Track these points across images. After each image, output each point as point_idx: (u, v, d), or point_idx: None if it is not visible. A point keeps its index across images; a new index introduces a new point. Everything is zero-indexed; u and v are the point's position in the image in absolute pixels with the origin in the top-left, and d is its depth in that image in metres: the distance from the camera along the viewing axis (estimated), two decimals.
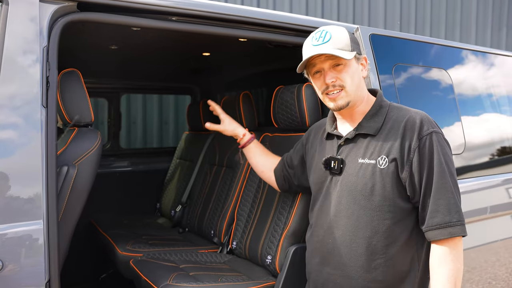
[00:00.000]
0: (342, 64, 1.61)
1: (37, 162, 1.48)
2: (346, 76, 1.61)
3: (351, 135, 1.66)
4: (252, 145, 2.22)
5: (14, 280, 1.42)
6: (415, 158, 1.54)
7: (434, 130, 1.58)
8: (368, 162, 1.59)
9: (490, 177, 2.73)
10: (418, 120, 1.58)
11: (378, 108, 1.67)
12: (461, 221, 1.54)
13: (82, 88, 1.91)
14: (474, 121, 2.75)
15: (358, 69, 1.65)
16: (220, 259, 2.65)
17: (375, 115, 1.65)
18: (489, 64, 2.96)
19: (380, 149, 1.59)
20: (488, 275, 2.67)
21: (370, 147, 1.62)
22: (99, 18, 1.73)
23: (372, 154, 1.60)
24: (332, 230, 1.66)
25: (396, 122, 1.61)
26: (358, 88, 1.65)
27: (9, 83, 1.47)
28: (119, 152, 4.15)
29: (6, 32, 1.47)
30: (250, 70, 3.54)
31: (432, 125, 1.59)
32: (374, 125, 1.63)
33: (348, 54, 1.59)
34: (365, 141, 1.64)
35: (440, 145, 1.56)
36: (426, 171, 1.54)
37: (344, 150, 1.67)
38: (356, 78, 1.63)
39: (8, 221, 1.42)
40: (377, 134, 1.62)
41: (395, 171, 1.56)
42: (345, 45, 1.60)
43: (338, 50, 1.57)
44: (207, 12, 1.92)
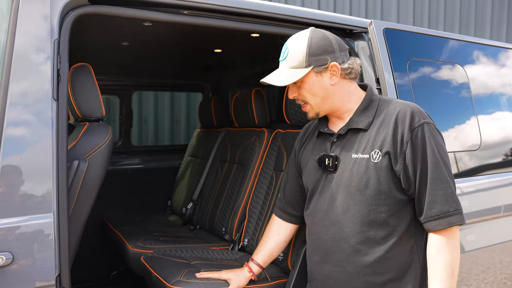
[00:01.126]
0: (299, 81, 1.61)
1: (48, 156, 1.47)
2: (304, 93, 1.63)
3: (343, 131, 1.66)
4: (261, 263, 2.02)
5: (24, 273, 1.41)
6: (408, 150, 1.54)
7: (426, 121, 1.57)
8: (362, 157, 1.59)
9: (505, 174, 2.67)
10: (409, 112, 1.57)
11: (368, 102, 1.66)
12: (458, 210, 1.54)
13: (93, 82, 1.90)
14: (490, 118, 2.69)
15: (320, 81, 1.61)
16: (232, 256, 2.63)
17: (365, 110, 1.65)
18: (506, 60, 2.90)
19: (373, 143, 1.58)
20: (503, 275, 2.62)
21: (362, 142, 1.61)
22: (110, 11, 1.72)
23: (365, 149, 1.59)
24: (329, 227, 1.65)
25: (387, 115, 1.60)
26: (326, 99, 1.64)
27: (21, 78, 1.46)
28: (130, 150, 4.16)
29: (17, 25, 1.47)
30: (262, 66, 3.52)
31: (423, 116, 1.58)
32: (365, 119, 1.63)
33: (297, 73, 1.58)
34: (357, 136, 1.63)
35: (432, 136, 1.56)
36: (420, 162, 1.54)
37: (337, 146, 1.67)
38: (319, 91, 1.62)
39: (18, 214, 1.42)
40: (369, 128, 1.61)
41: (389, 165, 1.56)
42: (299, 63, 1.59)
43: (289, 70, 1.59)
44: (218, 5, 1.91)
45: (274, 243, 1.99)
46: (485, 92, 2.72)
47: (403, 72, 2.28)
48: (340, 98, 1.66)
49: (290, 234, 2.01)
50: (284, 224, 1.99)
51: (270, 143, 2.86)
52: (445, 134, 2.44)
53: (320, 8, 5.83)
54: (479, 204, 2.49)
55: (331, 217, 1.65)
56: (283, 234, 2.00)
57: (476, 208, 2.46)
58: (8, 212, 1.41)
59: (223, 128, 3.66)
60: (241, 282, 2.00)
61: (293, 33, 2.14)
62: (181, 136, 4.81)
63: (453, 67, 2.57)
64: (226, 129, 3.59)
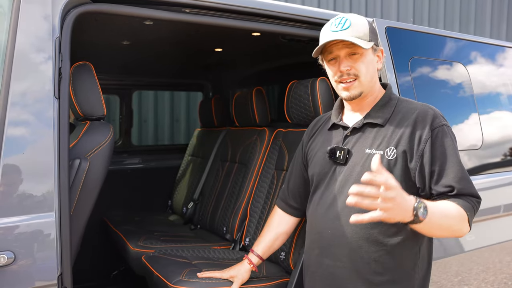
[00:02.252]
0: (359, 53, 1.58)
1: (49, 155, 1.47)
2: (361, 66, 1.58)
3: (358, 125, 1.63)
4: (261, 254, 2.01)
5: (26, 273, 1.40)
6: (427, 148, 1.51)
7: (446, 123, 1.57)
8: (376, 153, 1.55)
9: (507, 173, 2.67)
10: (430, 113, 1.56)
11: (387, 99, 1.65)
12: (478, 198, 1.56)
13: (95, 81, 1.90)
14: (492, 117, 2.69)
15: (373, 60, 1.63)
16: (233, 256, 2.62)
17: (384, 106, 1.63)
18: (507, 59, 2.89)
19: (389, 140, 1.56)
20: (503, 275, 2.61)
21: (378, 138, 1.58)
22: (111, 9, 1.71)
23: (380, 145, 1.57)
24: (332, 221, 1.62)
25: (406, 113, 1.59)
26: (372, 79, 1.63)
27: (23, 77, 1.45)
28: (130, 149, 4.15)
29: (19, 24, 1.46)
30: (263, 66, 3.52)
31: (444, 119, 1.58)
32: (383, 115, 1.61)
33: (366, 44, 1.56)
34: (373, 131, 1.61)
35: (452, 139, 1.55)
36: (439, 160, 1.52)
37: (351, 140, 1.64)
38: (371, 69, 1.62)
39: (20, 213, 1.41)
40: (386, 124, 1.59)
41: (403, 163, 1.53)
42: (364, 35, 1.57)
43: (356, 38, 1.54)
44: (220, 3, 1.90)
45: (274, 234, 1.99)
46: (487, 91, 2.72)
47: (405, 70, 2.28)
48: (375, 85, 1.67)
49: (291, 227, 1.99)
50: (285, 216, 1.98)
51: (271, 143, 2.85)
52: None
53: (320, 7, 5.83)
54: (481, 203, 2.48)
55: (335, 211, 1.62)
56: (284, 226, 1.99)
57: None
58: (10, 211, 1.40)
59: (223, 127, 3.66)
60: (243, 276, 2.00)
61: (294, 31, 2.15)
62: (181, 135, 4.81)
63: (455, 66, 2.56)
64: (226, 129, 3.58)
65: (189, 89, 4.65)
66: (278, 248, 2.03)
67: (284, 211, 1.99)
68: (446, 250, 2.33)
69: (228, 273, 2.03)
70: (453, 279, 2.34)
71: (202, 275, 2.07)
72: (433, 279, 2.25)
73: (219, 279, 2.05)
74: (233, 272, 2.02)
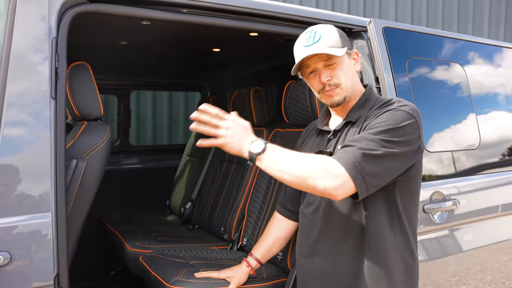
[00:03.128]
0: (335, 62, 1.60)
1: (46, 155, 1.47)
2: (340, 73, 1.60)
3: (338, 127, 1.66)
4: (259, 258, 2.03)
5: (22, 273, 1.40)
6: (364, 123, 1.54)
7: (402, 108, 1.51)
8: None
9: (504, 173, 2.68)
10: (388, 101, 1.59)
11: (364, 100, 1.66)
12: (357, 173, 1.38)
13: (92, 81, 1.90)
14: (489, 117, 2.69)
15: (350, 64, 1.65)
16: (231, 256, 2.62)
17: (361, 107, 1.65)
18: (505, 59, 2.90)
19: (355, 134, 1.57)
20: (501, 274, 2.62)
21: (350, 135, 1.61)
22: (108, 9, 1.71)
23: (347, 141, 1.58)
24: (318, 219, 1.65)
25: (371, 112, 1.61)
26: (353, 83, 1.65)
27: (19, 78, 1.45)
28: (128, 149, 4.14)
29: (15, 24, 1.46)
30: (261, 66, 3.52)
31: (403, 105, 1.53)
32: (358, 114, 1.63)
33: (339, 51, 1.57)
34: (349, 130, 1.63)
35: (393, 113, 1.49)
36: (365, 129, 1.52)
37: (333, 142, 1.66)
38: (350, 73, 1.63)
39: (16, 214, 1.41)
40: (357, 122, 1.61)
41: None
42: (336, 42, 1.59)
43: (329, 48, 1.57)
44: (217, 4, 1.90)
45: (273, 238, 1.99)
46: (484, 91, 2.72)
47: (402, 71, 2.28)
48: (357, 88, 1.68)
49: (289, 231, 1.99)
50: (284, 220, 1.98)
51: None
52: (444, 133, 2.44)
53: (319, 7, 5.83)
54: (478, 203, 2.49)
55: (320, 210, 1.64)
56: (283, 231, 1.99)
57: (475, 207, 2.46)
58: (6, 211, 1.40)
59: None
60: (240, 278, 2.00)
61: (292, 31, 2.15)
62: (180, 135, 4.80)
63: (452, 66, 2.57)
64: None
65: (187, 89, 4.65)
66: (277, 252, 2.04)
67: (282, 214, 1.99)
68: (444, 250, 2.34)
69: (226, 273, 2.03)
70: (450, 279, 2.34)
71: (200, 275, 2.07)
72: (431, 278, 2.25)
73: (216, 279, 2.05)
74: (230, 272, 2.02)
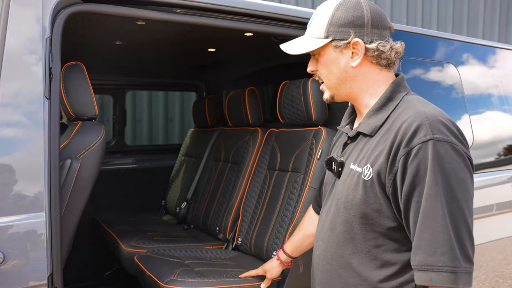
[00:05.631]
0: (316, 54, 1.37)
1: (40, 155, 1.47)
2: (320, 68, 1.37)
3: (352, 134, 1.39)
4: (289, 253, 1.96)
5: (16, 273, 1.40)
6: (399, 172, 1.18)
7: (436, 137, 1.15)
8: (356, 170, 1.30)
9: (497, 173, 2.69)
10: (415, 124, 1.18)
11: (384, 101, 1.32)
12: (450, 267, 1.12)
13: (86, 81, 1.90)
14: (482, 117, 2.71)
15: (339, 58, 1.33)
16: (225, 255, 2.63)
17: (378, 111, 1.32)
18: (498, 60, 2.91)
19: (370, 155, 1.27)
20: (495, 273, 2.63)
21: (363, 151, 1.32)
22: (103, 9, 1.71)
23: (362, 160, 1.30)
24: (318, 242, 1.45)
25: (395, 122, 1.26)
26: (343, 82, 1.35)
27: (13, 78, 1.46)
28: (124, 149, 4.14)
29: (8, 25, 1.46)
30: (256, 66, 3.53)
31: (434, 130, 1.16)
32: (374, 122, 1.31)
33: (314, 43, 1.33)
34: (363, 141, 1.34)
35: (439, 158, 1.14)
36: (408, 191, 1.17)
37: (348, 149, 1.41)
38: (336, 70, 1.34)
39: (10, 214, 1.41)
40: (374, 135, 1.30)
41: (379, 186, 1.24)
42: (319, 32, 1.34)
43: (308, 39, 1.36)
44: (212, 4, 1.90)
45: (302, 236, 1.87)
46: (477, 92, 2.74)
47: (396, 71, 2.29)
48: (361, 86, 1.36)
49: None
50: (316, 217, 1.78)
51: (263, 142, 2.86)
52: None
53: (314, 7, 5.85)
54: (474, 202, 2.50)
55: (323, 231, 1.43)
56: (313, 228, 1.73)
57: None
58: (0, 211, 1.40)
59: (217, 127, 3.66)
60: (272, 272, 2.05)
61: (286, 32, 2.16)
62: (175, 135, 4.81)
63: (446, 66, 2.58)
64: (220, 129, 3.59)
65: (183, 89, 4.66)
66: (309, 248, 1.88)
67: (315, 211, 1.81)
68: None
69: (262, 268, 2.09)
70: None
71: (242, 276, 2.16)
72: None
73: (210, 279, 2.06)
74: (267, 266, 2.07)
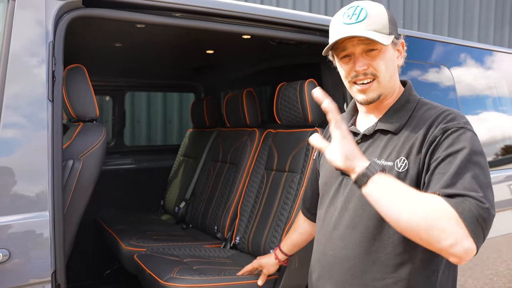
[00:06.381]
0: (377, 49, 1.34)
1: (43, 156, 1.50)
2: (380, 64, 1.35)
3: (369, 132, 1.41)
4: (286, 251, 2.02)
5: (21, 270, 1.44)
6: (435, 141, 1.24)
7: (466, 126, 1.25)
8: (385, 164, 1.32)
9: (493, 173, 2.73)
10: (447, 113, 1.28)
11: (404, 102, 1.39)
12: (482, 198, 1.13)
13: (87, 83, 1.94)
14: (476, 118, 2.75)
15: (394, 56, 1.39)
16: (223, 254, 2.67)
17: (399, 111, 1.38)
18: (492, 62, 2.96)
19: (400, 149, 1.31)
20: (489, 271, 2.67)
21: (389, 147, 1.35)
22: (104, 14, 1.75)
23: (390, 155, 1.32)
24: (334, 241, 1.42)
25: (422, 119, 1.32)
26: (392, 78, 1.39)
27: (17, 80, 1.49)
28: (123, 150, 4.18)
29: (13, 29, 1.50)
30: (254, 67, 3.57)
31: (464, 122, 1.27)
32: (397, 121, 1.36)
33: (385, 39, 1.32)
34: (384, 139, 1.37)
35: (471, 140, 1.23)
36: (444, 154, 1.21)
37: (362, 148, 1.41)
38: (391, 67, 1.37)
39: (15, 212, 1.45)
40: (399, 132, 1.35)
41: (414, 176, 1.27)
42: (383, 27, 1.33)
43: (373, 32, 1.31)
44: (210, 8, 1.94)
45: (297, 235, 1.93)
46: (471, 94, 2.78)
47: None
48: (395, 85, 1.42)
49: (309, 230, 1.85)
50: (304, 220, 1.86)
51: (261, 143, 2.90)
52: None
53: (311, 10, 5.88)
54: None
55: (339, 230, 1.41)
56: (304, 230, 1.88)
57: None
58: (5, 210, 1.44)
59: (215, 128, 3.70)
60: (269, 267, 2.09)
61: (284, 35, 2.19)
62: (174, 136, 4.84)
63: (439, 69, 2.63)
64: (218, 129, 3.63)
65: (181, 90, 4.69)
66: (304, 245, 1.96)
67: (303, 214, 1.86)
68: None
69: (258, 262, 2.13)
70: None
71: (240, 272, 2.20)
72: None
73: (209, 276, 2.10)
74: (263, 261, 2.11)
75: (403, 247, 1.29)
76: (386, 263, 1.31)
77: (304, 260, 2.22)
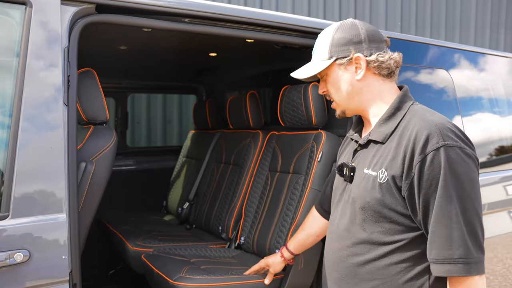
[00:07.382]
0: (326, 74, 1.51)
1: (60, 158, 1.54)
2: (330, 87, 1.51)
3: (363, 141, 1.49)
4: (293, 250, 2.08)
5: (40, 270, 1.48)
6: (415, 177, 1.30)
7: (447, 143, 1.28)
8: (370, 174, 1.40)
9: (487, 174, 2.78)
10: (425, 133, 1.30)
11: (393, 111, 1.43)
12: (465, 259, 1.27)
13: (98, 87, 1.97)
14: (474, 121, 2.81)
15: (345, 75, 1.47)
16: (229, 254, 2.71)
17: (388, 120, 1.43)
18: (489, 65, 3.03)
19: (384, 160, 1.38)
20: (486, 270, 2.71)
21: (376, 156, 1.42)
22: (116, 20, 1.78)
23: (376, 165, 1.40)
24: (334, 242, 1.54)
25: (405, 129, 1.37)
26: (352, 96, 1.48)
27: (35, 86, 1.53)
28: (125, 151, 4.21)
29: (30, 34, 1.53)
30: (256, 70, 3.60)
31: (445, 137, 1.29)
32: (385, 131, 1.42)
33: (320, 65, 1.49)
34: (374, 149, 1.44)
35: (451, 162, 1.26)
36: (425, 194, 1.29)
37: (358, 156, 1.50)
38: (344, 86, 1.47)
39: (34, 214, 1.48)
40: (386, 141, 1.41)
41: (395, 188, 1.34)
42: (323, 54, 1.49)
43: (317, 62, 1.51)
44: (218, 14, 1.98)
45: (305, 235, 1.99)
46: (469, 96, 2.84)
47: None
48: (368, 98, 1.48)
49: (318, 231, 1.94)
50: (318, 217, 1.92)
51: (265, 145, 2.94)
52: None
53: (310, 13, 5.93)
54: None
55: (337, 232, 1.52)
56: (316, 228, 1.94)
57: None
58: (25, 212, 1.47)
59: (218, 129, 3.74)
60: (275, 266, 2.14)
61: (288, 39, 2.25)
62: (174, 137, 4.86)
63: (438, 72, 2.68)
64: (221, 131, 3.66)
65: (183, 92, 4.72)
66: (311, 246, 2.03)
67: (318, 212, 1.92)
68: None
69: (265, 261, 2.18)
70: None
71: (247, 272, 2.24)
72: None
73: (217, 275, 2.14)
74: (269, 260, 2.16)
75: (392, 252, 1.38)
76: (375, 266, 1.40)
77: (310, 259, 2.26)
